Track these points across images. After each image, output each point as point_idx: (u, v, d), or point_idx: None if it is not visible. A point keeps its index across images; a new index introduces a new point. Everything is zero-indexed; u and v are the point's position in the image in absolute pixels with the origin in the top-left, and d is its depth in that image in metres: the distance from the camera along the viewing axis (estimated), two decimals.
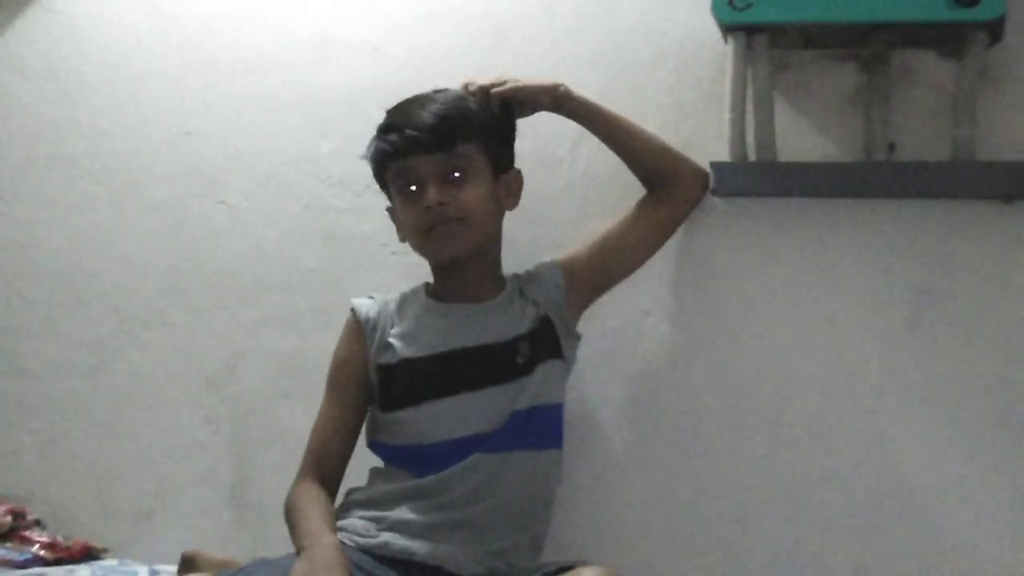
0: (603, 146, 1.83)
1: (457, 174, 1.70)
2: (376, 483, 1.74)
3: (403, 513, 1.66)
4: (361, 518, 1.68)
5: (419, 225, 1.71)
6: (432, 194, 1.68)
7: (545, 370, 1.72)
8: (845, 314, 1.82)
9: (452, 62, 2.00)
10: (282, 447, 1.96)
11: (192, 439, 2.11)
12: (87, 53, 2.23)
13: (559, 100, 1.78)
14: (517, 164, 1.79)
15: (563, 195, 1.94)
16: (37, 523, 2.09)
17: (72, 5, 2.25)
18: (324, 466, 1.76)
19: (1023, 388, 1.75)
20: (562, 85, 1.78)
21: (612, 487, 1.89)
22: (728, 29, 1.77)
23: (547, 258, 1.84)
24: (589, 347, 1.86)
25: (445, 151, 1.69)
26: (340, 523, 1.67)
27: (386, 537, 1.63)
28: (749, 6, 1.72)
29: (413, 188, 1.71)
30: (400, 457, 1.73)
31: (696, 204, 1.85)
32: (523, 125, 1.80)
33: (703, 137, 1.87)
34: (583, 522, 1.89)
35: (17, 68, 2.27)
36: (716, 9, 1.74)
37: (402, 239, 1.79)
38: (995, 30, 1.69)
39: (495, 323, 1.74)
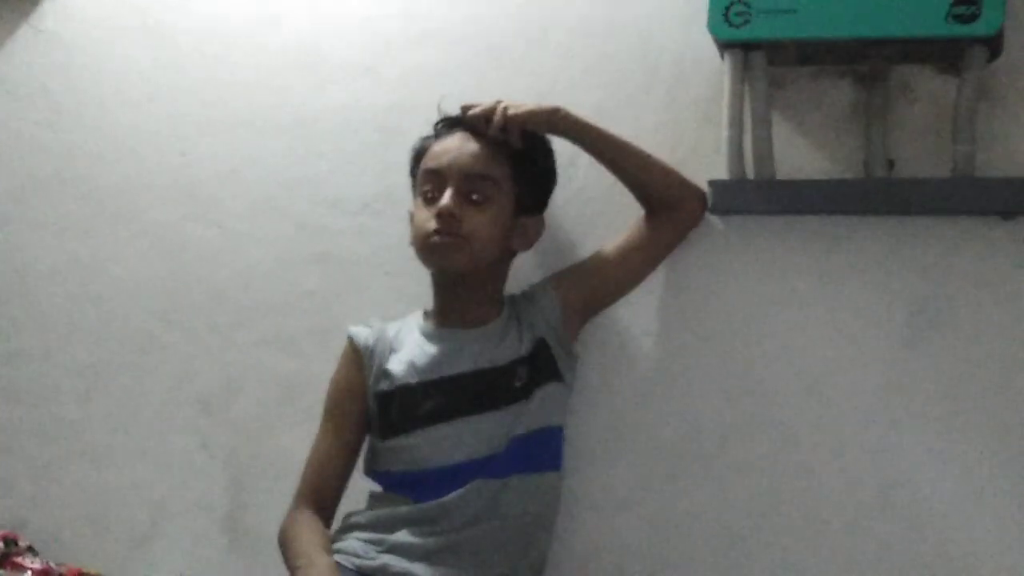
0: (599, 164, 1.82)
1: (478, 197, 1.71)
2: (375, 507, 1.73)
3: (403, 537, 1.65)
4: (359, 539, 1.66)
5: (425, 227, 1.71)
6: (447, 201, 1.69)
7: (544, 394, 1.72)
8: (845, 331, 1.81)
9: (447, 83, 1.99)
10: (279, 472, 1.94)
11: (187, 464, 2.09)
12: (80, 75, 2.23)
13: (556, 124, 1.77)
14: None
15: (559, 214, 1.93)
16: (30, 549, 2.07)
17: (64, 26, 2.24)
18: (319, 495, 1.75)
19: (1022, 403, 1.74)
20: (561, 109, 1.76)
21: (611, 509, 1.88)
22: (724, 46, 1.76)
23: (543, 277, 1.83)
24: (588, 368, 1.85)
25: (476, 170, 1.72)
26: (338, 545, 1.67)
27: (385, 559, 1.63)
28: (746, 23, 1.71)
29: (430, 192, 1.74)
30: (399, 483, 1.72)
31: (695, 226, 1.84)
32: None
33: (700, 155, 1.86)
34: (583, 545, 1.87)
35: (8, 90, 2.26)
36: (712, 26, 1.74)
37: (411, 243, 1.78)
38: (994, 45, 1.69)
39: (493, 348, 1.73)
